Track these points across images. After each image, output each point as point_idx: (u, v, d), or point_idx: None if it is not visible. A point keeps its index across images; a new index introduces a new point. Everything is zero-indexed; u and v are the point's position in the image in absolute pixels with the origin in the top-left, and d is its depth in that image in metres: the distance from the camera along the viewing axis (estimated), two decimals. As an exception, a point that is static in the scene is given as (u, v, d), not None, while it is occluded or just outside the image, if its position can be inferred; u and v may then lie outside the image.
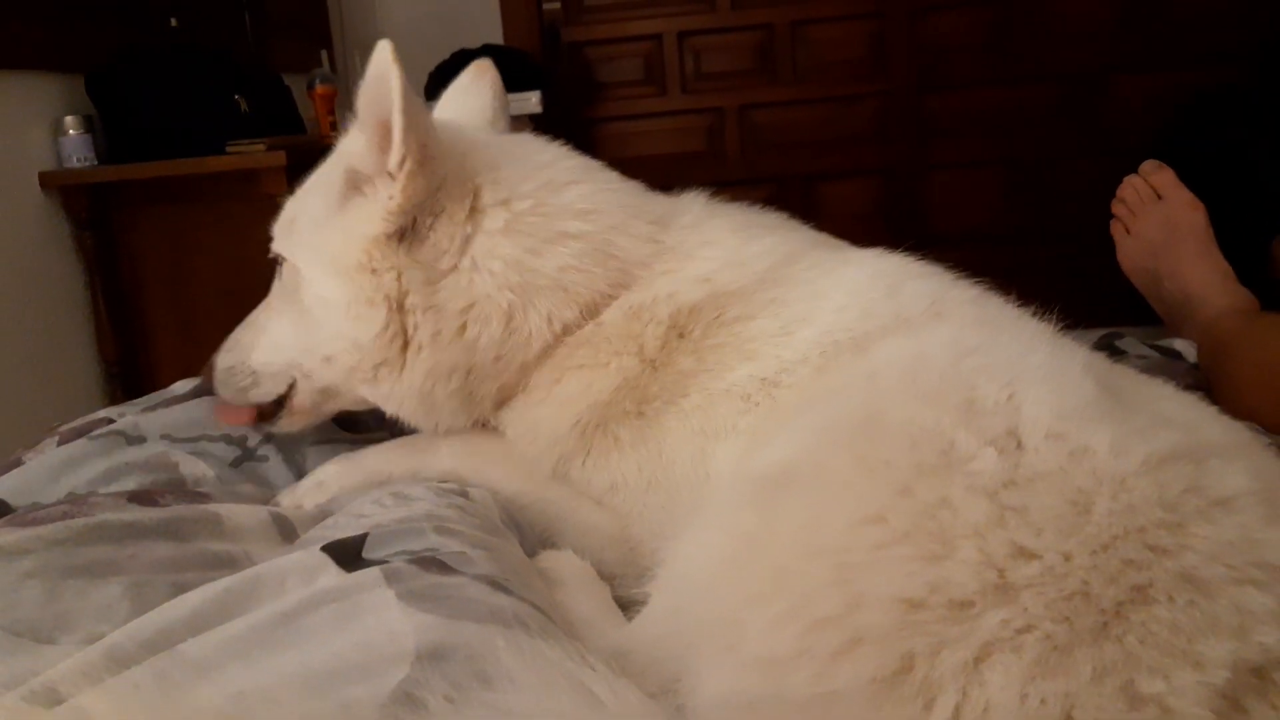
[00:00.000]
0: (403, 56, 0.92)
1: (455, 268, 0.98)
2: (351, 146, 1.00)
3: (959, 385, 0.67)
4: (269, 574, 0.73)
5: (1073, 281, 2.59)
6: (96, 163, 2.57)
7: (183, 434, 1.15)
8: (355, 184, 0.99)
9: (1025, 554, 0.55)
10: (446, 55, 3.54)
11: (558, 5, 3.93)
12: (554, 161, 1.06)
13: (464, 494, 0.91)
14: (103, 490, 1.05)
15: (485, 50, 3.54)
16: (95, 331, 2.66)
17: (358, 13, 3.83)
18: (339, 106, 2.87)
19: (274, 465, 1.14)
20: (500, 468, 1.02)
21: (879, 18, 3.83)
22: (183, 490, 1.03)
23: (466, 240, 0.98)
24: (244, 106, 2.49)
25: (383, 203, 0.96)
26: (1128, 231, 1.59)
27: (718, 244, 1.02)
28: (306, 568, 0.73)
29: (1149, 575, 0.54)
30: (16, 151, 2.52)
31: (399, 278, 0.97)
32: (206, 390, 1.15)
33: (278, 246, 1.06)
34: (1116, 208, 1.63)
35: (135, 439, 1.14)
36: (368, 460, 1.06)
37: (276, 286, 1.10)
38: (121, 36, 2.68)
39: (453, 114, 1.18)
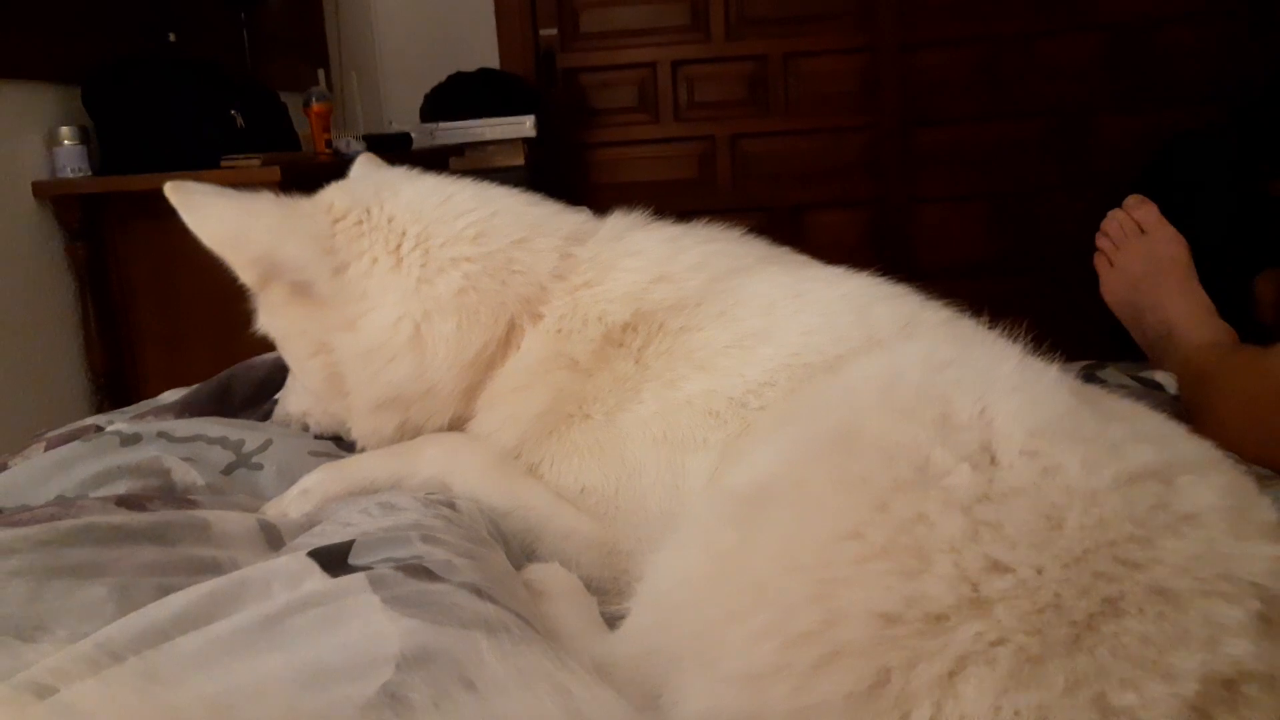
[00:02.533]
0: (394, 77, 0.97)
1: (363, 312, 1.06)
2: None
3: (933, 400, 0.68)
4: (255, 577, 0.74)
5: (1055, 314, 2.62)
6: (90, 174, 2.57)
7: (179, 434, 1.16)
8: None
9: (999, 568, 0.56)
10: (443, 78, 3.57)
11: (554, 31, 3.97)
12: (442, 196, 1.12)
13: (450, 505, 0.92)
14: (93, 494, 1.05)
15: (481, 74, 3.58)
16: (84, 342, 2.66)
17: (355, 34, 3.85)
18: (335, 124, 2.89)
19: (268, 474, 1.14)
20: (481, 475, 1.03)
21: (870, 52, 3.88)
22: (172, 496, 1.03)
23: (366, 283, 1.06)
24: (240, 122, 2.50)
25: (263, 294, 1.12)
26: (1111, 264, 1.61)
27: (643, 254, 1.05)
28: (292, 572, 0.74)
29: (1120, 588, 0.55)
30: (10, 160, 2.52)
31: (314, 330, 1.09)
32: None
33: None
34: (1100, 241, 1.65)
35: (130, 438, 1.15)
36: (352, 469, 1.07)
37: None
38: (119, 49, 2.69)
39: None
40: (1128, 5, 3.73)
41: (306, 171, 2.59)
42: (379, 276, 1.06)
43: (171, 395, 1.53)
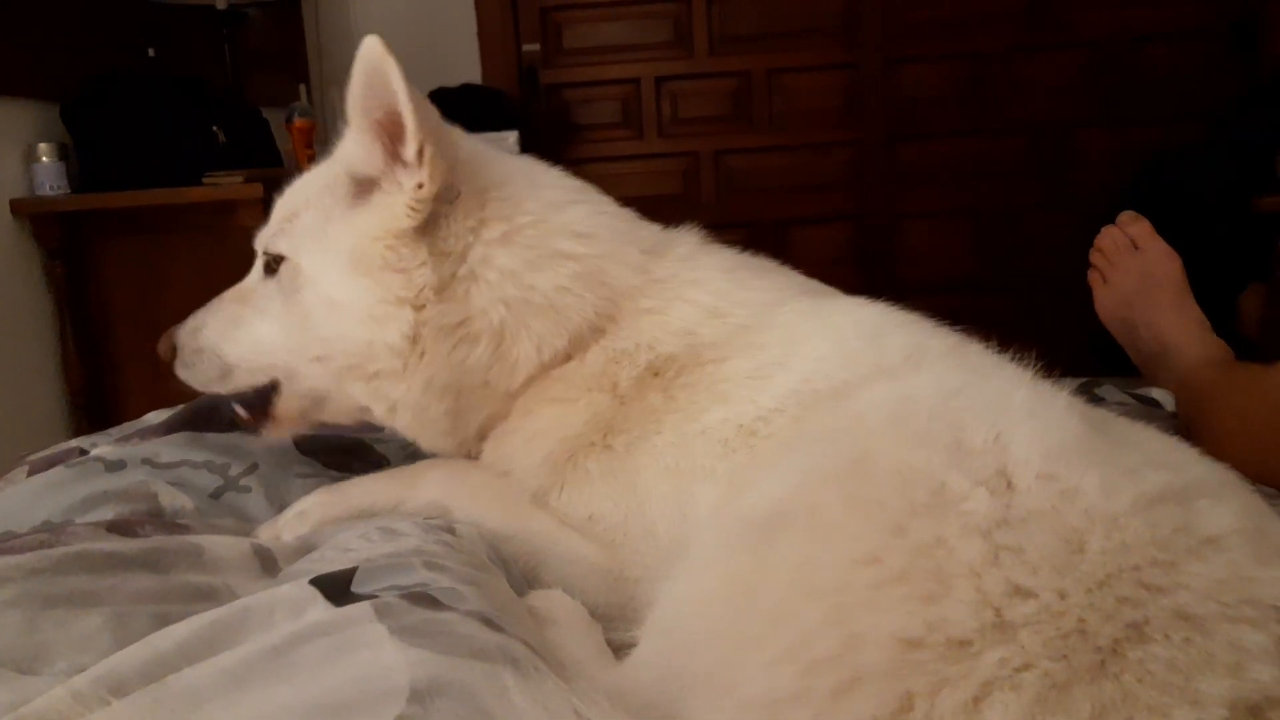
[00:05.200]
0: None
1: (454, 275, 0.98)
2: (350, 151, 1.00)
3: (947, 426, 0.67)
4: (257, 606, 0.72)
5: (1038, 330, 2.64)
6: (70, 191, 2.55)
7: (164, 459, 1.14)
8: (361, 185, 0.99)
9: (1022, 592, 0.56)
10: (424, 93, 3.55)
11: (537, 47, 3.96)
12: (555, 182, 1.08)
13: (451, 530, 0.90)
14: (79, 519, 1.03)
15: (464, 89, 3.57)
16: (62, 361, 2.63)
17: (335, 50, 3.84)
18: (317, 141, 2.87)
19: (255, 497, 1.12)
20: (484, 500, 1.00)
21: (854, 68, 3.89)
22: (161, 521, 1.01)
23: (467, 247, 0.98)
24: (221, 138, 2.48)
25: (408, 193, 0.95)
26: (1104, 281, 1.62)
27: (705, 285, 1.02)
28: (295, 600, 0.72)
29: (1144, 613, 0.55)
30: (-12, 179, 2.50)
31: (425, 275, 0.96)
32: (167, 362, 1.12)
33: (276, 245, 1.04)
34: (1094, 257, 1.65)
35: (114, 464, 1.12)
36: (350, 492, 1.05)
37: (255, 281, 1.08)
38: (99, 65, 2.68)
39: None
40: (1109, 23, 3.76)
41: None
42: (484, 244, 0.98)
43: (156, 417, 1.51)
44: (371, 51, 0.93)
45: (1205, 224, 2.88)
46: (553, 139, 3.95)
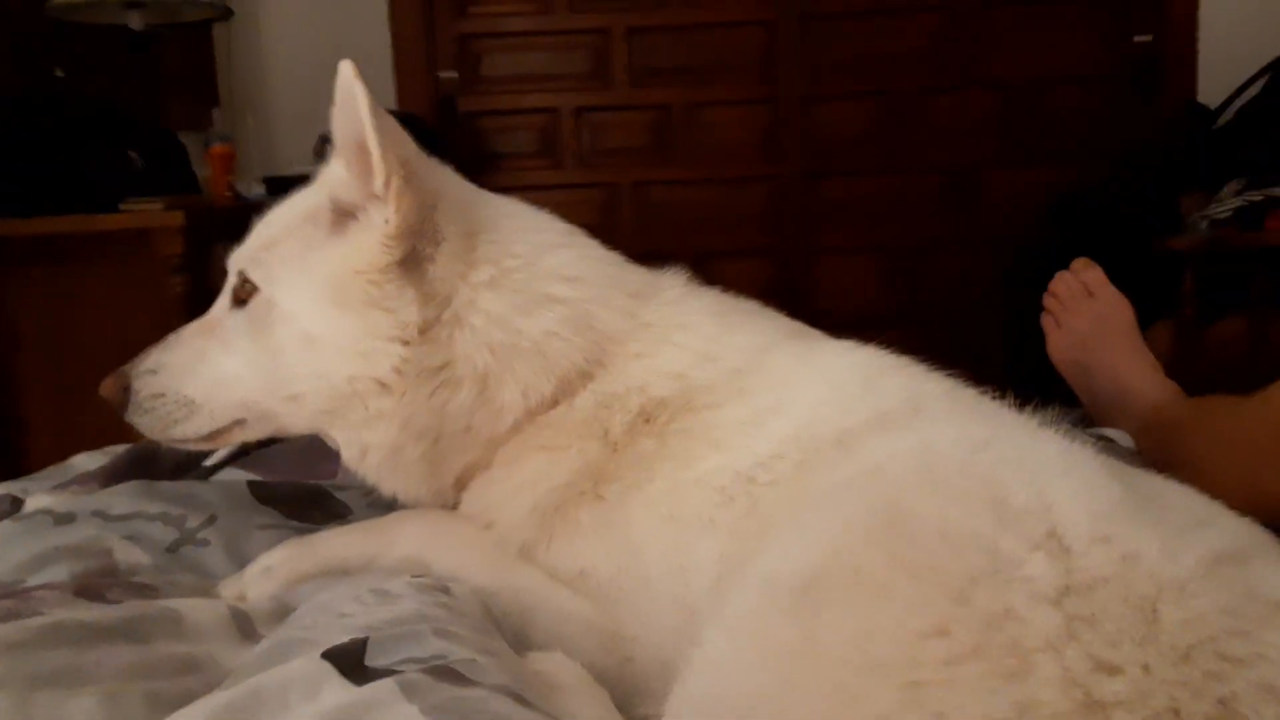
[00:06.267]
0: (291, 117, 0.90)
1: (438, 318, 0.95)
2: (333, 174, 0.97)
3: (982, 482, 0.66)
4: (269, 686, 0.67)
5: (949, 366, 2.71)
6: (-26, 216, 2.40)
7: (116, 511, 1.07)
8: (343, 214, 0.96)
9: (1107, 668, 0.54)
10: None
11: (455, 75, 3.92)
12: (543, 225, 1.05)
13: (445, 590, 0.87)
14: (32, 579, 0.96)
15: (382, 116, 3.50)
16: (-37, 394, 2.48)
17: (247, 73, 3.73)
18: (238, 167, 2.78)
19: (214, 551, 1.07)
20: (466, 554, 0.96)
21: (772, 103, 3.94)
22: (127, 583, 0.95)
23: (453, 290, 0.95)
24: (138, 163, 2.38)
25: (379, 227, 0.93)
26: (1058, 325, 1.65)
27: (695, 329, 1.01)
28: (309, 679, 0.67)
29: (1231, 688, 0.54)
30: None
31: (412, 314, 0.93)
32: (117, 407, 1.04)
33: (252, 273, 0.99)
34: (1047, 301, 1.69)
35: (63, 517, 1.06)
36: (319, 546, 1.00)
37: (221, 312, 1.03)
38: (2, 85, 2.55)
39: None
40: (1016, 66, 3.88)
41: (209, 216, 2.48)
42: (471, 288, 0.96)
43: (86, 461, 1.42)
44: (343, 77, 0.90)
45: (1111, 263, 2.97)
46: (470, 167, 3.90)
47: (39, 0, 2.59)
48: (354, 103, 0.90)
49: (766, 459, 0.89)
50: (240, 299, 1.00)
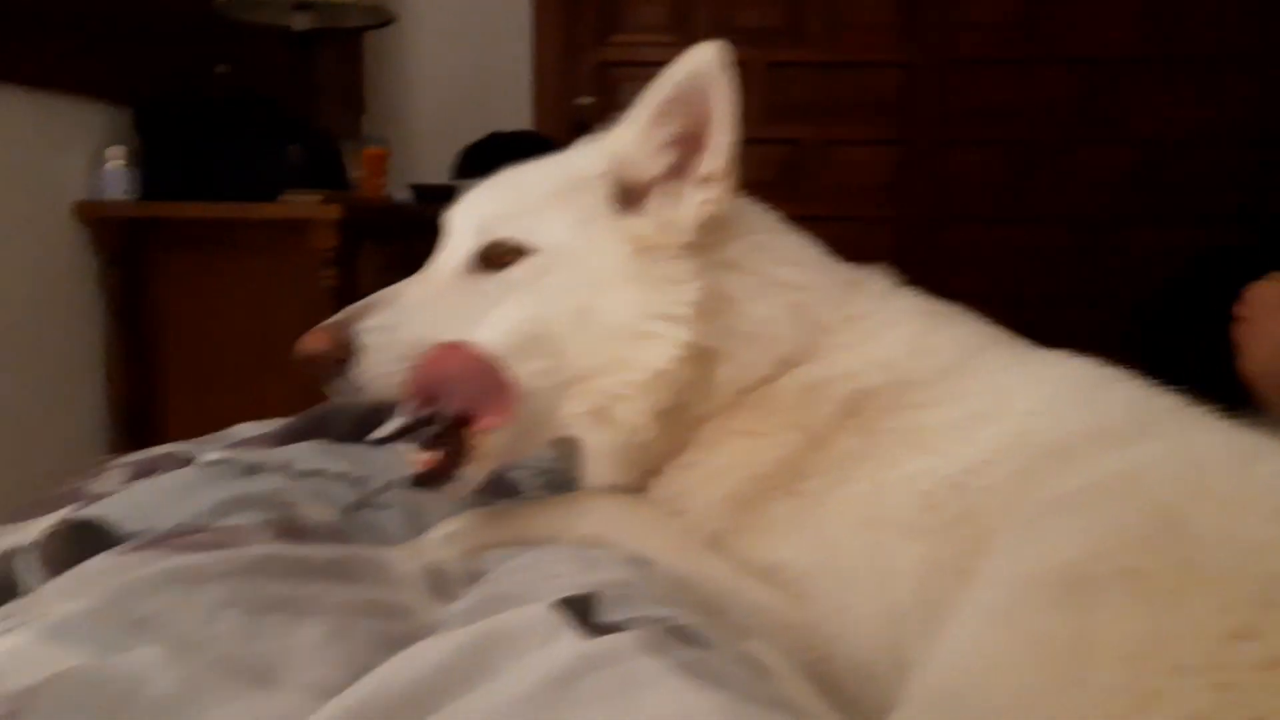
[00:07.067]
0: (428, 133, 0.89)
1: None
2: (629, 154, 0.98)
3: (1261, 491, 0.64)
4: (499, 631, 0.65)
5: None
6: (137, 198, 2.49)
7: (300, 467, 1.08)
8: (630, 194, 0.97)
9: None
10: (473, 136, 3.55)
11: (592, 100, 3.96)
12: (763, 211, 1.06)
13: (647, 563, 0.85)
14: (217, 524, 0.97)
15: (520, 136, 3.56)
16: (107, 370, 2.55)
17: (392, 85, 3.83)
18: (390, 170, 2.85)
19: (393, 515, 1.07)
20: (653, 538, 0.94)
21: (904, 145, 3.91)
22: (318, 534, 0.95)
23: (702, 268, 0.95)
24: (297, 158, 2.44)
25: (692, 209, 0.94)
26: (1255, 332, 1.57)
27: (902, 325, 0.99)
28: (539, 627, 0.66)
29: None
30: (53, 177, 2.44)
31: (693, 293, 0.93)
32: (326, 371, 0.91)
33: (517, 238, 0.95)
34: (1242, 310, 1.62)
35: (250, 468, 1.07)
36: (505, 518, 1.00)
37: (457, 274, 0.98)
38: (168, 76, 2.64)
39: None
40: (1163, 123, 3.80)
41: (363, 213, 2.53)
42: (716, 268, 0.96)
43: (249, 429, 1.44)
44: (707, 60, 0.91)
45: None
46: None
47: (207, -3, 2.70)
48: (708, 88, 0.92)
49: (977, 465, 0.85)
50: (492, 261, 0.97)
